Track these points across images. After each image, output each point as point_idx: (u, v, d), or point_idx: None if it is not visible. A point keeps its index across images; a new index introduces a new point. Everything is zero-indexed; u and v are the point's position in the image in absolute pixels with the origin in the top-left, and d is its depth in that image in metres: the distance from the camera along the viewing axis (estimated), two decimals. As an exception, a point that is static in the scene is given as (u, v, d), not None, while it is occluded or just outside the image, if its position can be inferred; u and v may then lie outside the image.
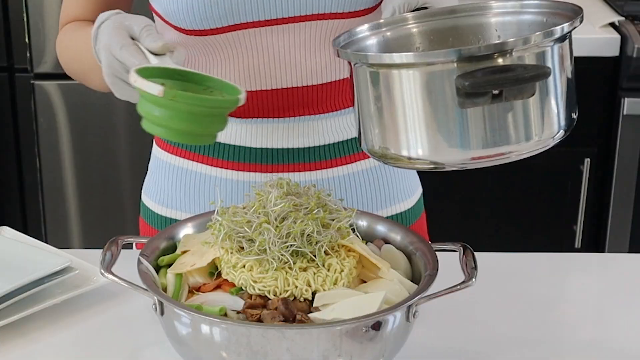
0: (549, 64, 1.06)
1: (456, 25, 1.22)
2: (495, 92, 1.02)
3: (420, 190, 1.53)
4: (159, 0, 1.32)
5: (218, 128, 1.15)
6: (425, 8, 1.22)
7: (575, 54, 2.60)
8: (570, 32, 1.08)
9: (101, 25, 1.22)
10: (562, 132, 1.09)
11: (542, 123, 1.07)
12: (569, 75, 1.10)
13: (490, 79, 1.02)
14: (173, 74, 1.17)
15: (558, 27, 1.05)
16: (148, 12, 1.38)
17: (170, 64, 1.17)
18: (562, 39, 1.07)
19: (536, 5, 1.19)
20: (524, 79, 1.02)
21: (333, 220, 1.16)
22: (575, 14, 1.12)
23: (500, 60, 1.03)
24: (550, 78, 1.06)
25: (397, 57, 1.07)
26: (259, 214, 1.15)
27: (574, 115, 1.12)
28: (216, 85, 1.18)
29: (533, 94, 1.04)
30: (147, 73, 1.13)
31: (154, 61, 1.17)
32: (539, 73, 1.03)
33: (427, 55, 1.08)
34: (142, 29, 1.19)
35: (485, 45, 1.04)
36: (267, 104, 1.36)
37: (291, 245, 1.12)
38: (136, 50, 1.17)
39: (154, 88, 1.09)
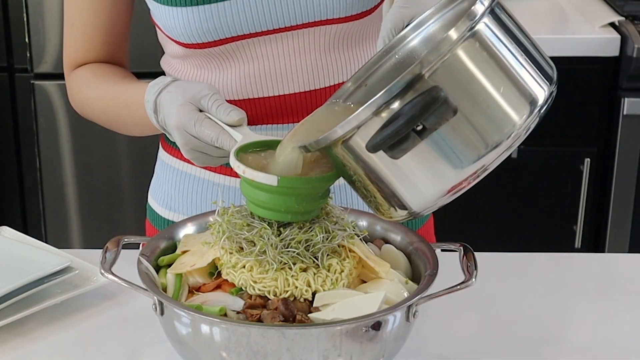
0: (472, 60, 0.98)
1: (395, 64, 1.18)
2: (418, 128, 0.98)
3: None
4: (158, 16, 1.33)
5: (324, 201, 1.15)
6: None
7: (575, 54, 2.60)
8: (485, 9, 0.98)
9: (160, 94, 1.24)
10: (532, 113, 1.01)
11: (499, 118, 1.00)
12: (516, 49, 1.01)
13: (389, 134, 0.97)
14: (259, 144, 1.17)
15: (449, 33, 0.97)
16: (149, 22, 1.38)
17: (250, 134, 1.17)
18: (472, 30, 0.98)
19: (449, 1, 1.15)
20: (416, 116, 0.96)
21: (336, 224, 1.16)
22: None
23: (412, 94, 0.97)
24: (485, 69, 0.99)
25: (316, 143, 1.04)
26: (261, 220, 1.15)
27: (545, 86, 1.02)
28: None
29: (455, 110, 0.98)
30: (238, 150, 1.14)
31: (229, 130, 1.18)
32: (428, 101, 0.96)
33: (331, 134, 1.02)
34: (210, 100, 1.20)
35: (365, 106, 0.98)
36: (270, 110, 1.36)
37: (292, 251, 1.12)
38: (210, 124, 1.19)
39: (270, 179, 1.09)
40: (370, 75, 1.20)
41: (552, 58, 1.08)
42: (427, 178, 1.02)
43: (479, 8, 0.99)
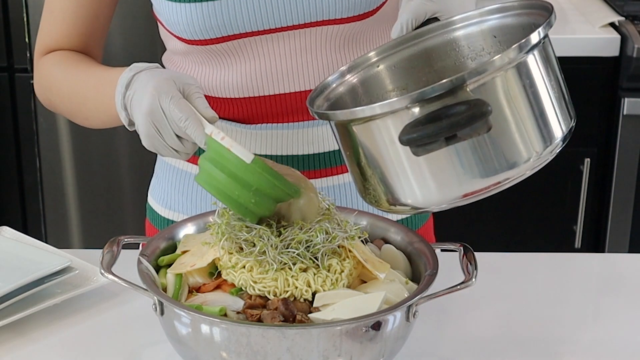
0: (515, 86, 1.01)
1: (426, 48, 1.20)
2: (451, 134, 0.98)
3: None
4: (160, 11, 1.33)
5: (266, 211, 1.14)
6: (436, 19, 1.21)
7: (575, 54, 2.60)
8: (540, 39, 1.01)
9: (138, 74, 1.21)
10: (552, 144, 1.04)
11: (522, 143, 1.02)
12: (551, 83, 1.05)
13: (428, 133, 0.98)
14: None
15: (512, 48, 0.99)
16: (151, 18, 1.38)
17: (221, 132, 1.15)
18: (528, 50, 1.01)
19: (498, 9, 1.16)
20: (460, 125, 0.97)
21: (337, 225, 1.16)
22: (546, 10, 1.07)
23: (450, 99, 0.98)
24: (523, 95, 1.01)
25: (342, 114, 1.05)
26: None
27: (567, 123, 1.06)
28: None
29: (489, 129, 0.99)
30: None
31: (201, 118, 1.15)
32: (475, 114, 0.97)
33: (369, 109, 1.02)
34: (193, 89, 1.18)
35: (432, 86, 0.98)
36: (271, 109, 1.36)
37: (292, 251, 1.12)
38: (186, 105, 1.16)
39: (247, 155, 1.09)
40: (387, 57, 1.21)
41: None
42: (437, 181, 1.03)
43: (534, 39, 1.00)
